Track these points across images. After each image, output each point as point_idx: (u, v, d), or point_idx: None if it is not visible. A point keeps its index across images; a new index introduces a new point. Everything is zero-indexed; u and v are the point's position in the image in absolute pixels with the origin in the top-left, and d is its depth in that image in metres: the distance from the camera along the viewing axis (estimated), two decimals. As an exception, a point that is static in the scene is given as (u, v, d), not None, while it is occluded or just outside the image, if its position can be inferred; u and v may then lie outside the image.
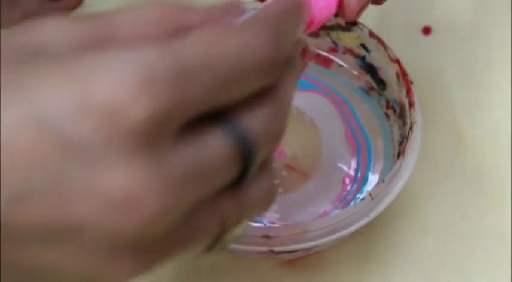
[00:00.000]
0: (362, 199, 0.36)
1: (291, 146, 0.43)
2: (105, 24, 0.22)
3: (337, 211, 0.41)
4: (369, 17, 0.44)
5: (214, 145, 0.21)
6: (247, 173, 0.23)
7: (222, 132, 0.22)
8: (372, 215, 0.36)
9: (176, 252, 0.22)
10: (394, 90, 0.42)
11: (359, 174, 0.42)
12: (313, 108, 0.44)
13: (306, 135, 0.44)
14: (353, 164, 0.42)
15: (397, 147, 0.41)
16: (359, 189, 0.42)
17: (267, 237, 0.35)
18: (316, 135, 0.44)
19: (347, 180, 0.42)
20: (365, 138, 0.43)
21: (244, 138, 0.22)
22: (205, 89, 0.21)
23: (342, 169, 0.42)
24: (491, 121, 0.45)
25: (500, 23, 0.48)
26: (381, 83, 0.43)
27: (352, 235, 0.38)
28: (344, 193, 0.42)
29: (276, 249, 0.36)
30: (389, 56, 0.41)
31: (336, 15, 0.43)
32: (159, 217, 0.20)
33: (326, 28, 0.44)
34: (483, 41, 0.48)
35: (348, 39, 0.44)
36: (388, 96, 0.43)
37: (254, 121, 0.23)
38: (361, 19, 0.43)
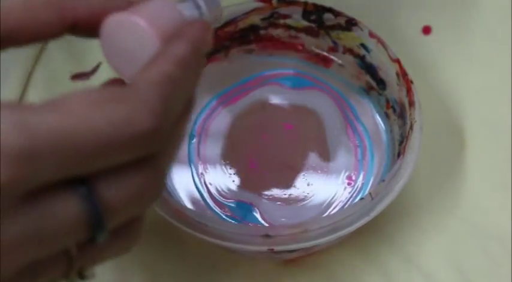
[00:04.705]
0: (362, 198, 0.36)
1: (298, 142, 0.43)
2: None
3: (337, 210, 0.41)
4: (369, 17, 0.44)
5: (62, 209, 0.21)
6: (95, 238, 0.22)
7: (74, 197, 0.21)
8: (372, 214, 0.36)
9: None
10: (394, 89, 0.42)
11: (360, 174, 0.42)
12: (316, 105, 0.45)
13: (310, 133, 0.44)
14: (355, 162, 0.42)
15: (397, 146, 0.41)
16: (360, 189, 0.42)
17: (267, 236, 0.35)
18: (320, 133, 0.44)
19: (348, 179, 0.42)
20: (366, 137, 0.43)
21: (95, 206, 0.22)
22: (57, 166, 0.20)
23: (343, 167, 0.42)
24: (491, 121, 0.45)
25: (500, 22, 0.48)
26: (381, 83, 0.43)
27: (352, 235, 0.38)
28: (345, 192, 0.42)
29: (276, 248, 0.36)
30: (389, 55, 0.41)
31: (336, 14, 0.43)
32: None
33: (326, 28, 0.44)
34: (483, 41, 0.48)
35: (348, 38, 0.44)
36: (388, 95, 0.43)
37: (113, 190, 0.22)
38: (361, 19, 0.43)
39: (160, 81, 0.22)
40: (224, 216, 0.41)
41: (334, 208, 0.41)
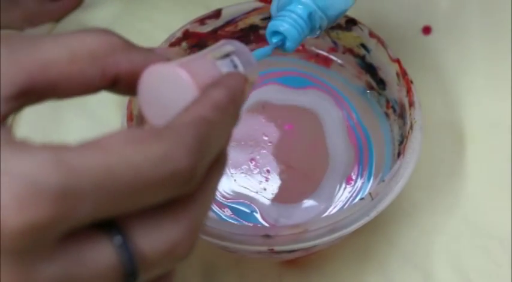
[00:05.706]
0: (362, 199, 0.36)
1: (296, 145, 0.43)
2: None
3: (337, 210, 0.41)
4: (369, 17, 0.44)
5: (97, 256, 0.21)
6: None
7: (109, 245, 0.21)
8: (372, 214, 0.36)
9: None
10: (394, 89, 0.42)
11: (360, 174, 0.42)
12: (316, 105, 0.45)
13: (310, 132, 0.44)
14: (355, 162, 0.42)
15: (397, 147, 0.41)
16: (360, 189, 0.42)
17: (267, 237, 0.35)
18: (320, 133, 0.44)
19: (348, 179, 0.42)
20: (366, 137, 0.43)
21: (130, 256, 0.21)
22: (96, 205, 0.20)
23: (343, 167, 0.42)
24: (491, 121, 0.45)
25: (500, 22, 0.48)
26: (381, 83, 0.43)
27: (352, 235, 0.38)
28: (345, 192, 0.42)
29: (276, 248, 0.36)
30: (389, 55, 0.41)
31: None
32: None
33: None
34: (483, 41, 0.48)
35: (348, 38, 0.44)
36: (388, 95, 0.43)
37: (149, 240, 0.22)
38: (361, 19, 0.43)
39: (196, 123, 0.22)
40: (224, 217, 0.41)
41: (334, 208, 0.41)
